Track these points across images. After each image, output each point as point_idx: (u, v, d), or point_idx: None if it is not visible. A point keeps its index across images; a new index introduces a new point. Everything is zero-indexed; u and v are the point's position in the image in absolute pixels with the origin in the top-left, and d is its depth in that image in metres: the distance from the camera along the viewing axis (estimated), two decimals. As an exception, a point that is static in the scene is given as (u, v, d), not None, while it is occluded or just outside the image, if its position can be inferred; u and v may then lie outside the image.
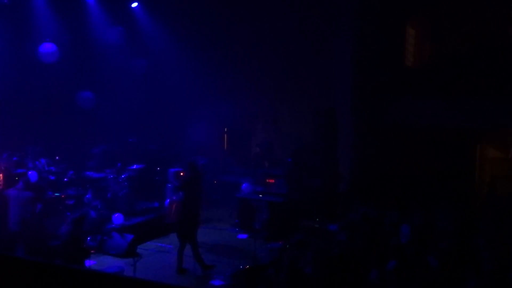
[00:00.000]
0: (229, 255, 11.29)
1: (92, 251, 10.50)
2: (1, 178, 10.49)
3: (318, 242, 9.34)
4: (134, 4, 15.43)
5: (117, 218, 11.96)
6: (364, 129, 14.36)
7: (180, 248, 10.34)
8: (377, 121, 14.53)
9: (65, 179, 12.14)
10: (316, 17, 15.22)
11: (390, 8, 14.61)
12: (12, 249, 9.57)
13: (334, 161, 14.29)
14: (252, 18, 16.16)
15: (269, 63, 16.11)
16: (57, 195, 11.53)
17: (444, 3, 14.95)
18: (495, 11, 14.45)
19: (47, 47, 12.22)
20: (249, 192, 13.54)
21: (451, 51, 16.58)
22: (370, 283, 7.51)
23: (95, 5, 14.14)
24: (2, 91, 12.15)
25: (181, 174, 12.51)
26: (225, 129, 17.84)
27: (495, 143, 15.18)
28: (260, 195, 13.24)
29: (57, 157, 12.53)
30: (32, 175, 10.97)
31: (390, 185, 13.26)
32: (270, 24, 15.92)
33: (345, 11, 14.33)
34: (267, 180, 14.10)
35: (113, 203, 12.68)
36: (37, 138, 12.82)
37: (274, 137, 16.09)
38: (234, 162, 16.54)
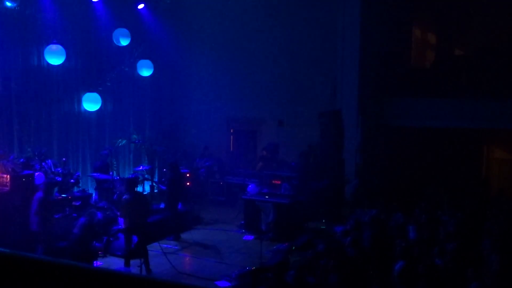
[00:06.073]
0: (235, 256, 11.27)
1: (99, 253, 10.53)
2: (8, 179, 10.51)
3: (324, 243, 9.30)
4: (141, 6, 15.46)
5: (123, 219, 11.93)
6: (370, 130, 14.31)
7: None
8: (383, 122, 14.48)
9: (72, 180, 12.16)
10: (322, 17, 15.21)
11: (396, 9, 14.59)
12: (34, 248, 9.72)
13: (340, 163, 14.27)
14: (258, 19, 16.17)
15: (275, 65, 16.09)
16: (63, 196, 11.55)
17: (450, 4, 14.91)
18: (502, 11, 14.39)
19: (54, 49, 12.25)
20: (255, 193, 13.51)
21: (458, 52, 16.55)
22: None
23: (101, 6, 14.17)
24: (9, 92, 12.21)
25: None
26: (231, 131, 17.84)
27: (502, 144, 15.12)
28: (266, 197, 13.19)
29: (63, 159, 12.56)
30: (39, 176, 11.01)
31: (396, 187, 13.21)
32: (276, 25, 15.93)
33: (350, 11, 14.30)
34: (273, 182, 14.08)
35: (119, 204, 12.66)
36: (43, 139, 12.87)
37: (280, 139, 16.06)
38: (240, 163, 16.54)
